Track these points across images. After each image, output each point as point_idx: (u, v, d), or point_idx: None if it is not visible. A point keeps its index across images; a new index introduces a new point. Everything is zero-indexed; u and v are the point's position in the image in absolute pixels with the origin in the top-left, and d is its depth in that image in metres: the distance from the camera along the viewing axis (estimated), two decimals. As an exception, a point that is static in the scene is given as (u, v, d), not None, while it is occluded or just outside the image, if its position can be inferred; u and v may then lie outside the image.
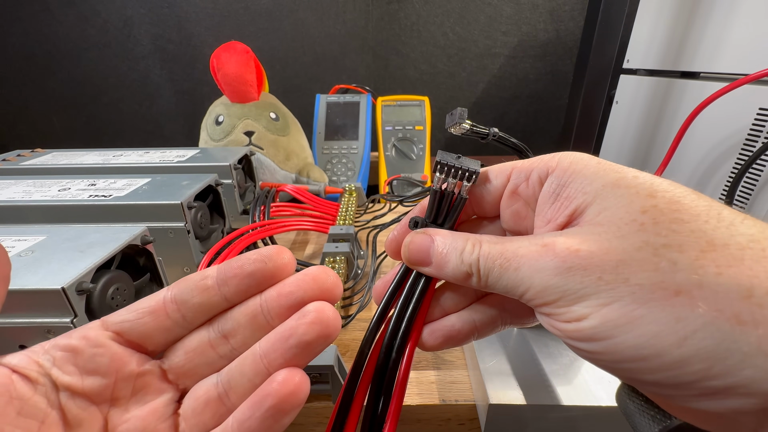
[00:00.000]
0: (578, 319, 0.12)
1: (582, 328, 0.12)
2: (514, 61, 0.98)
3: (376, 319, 0.17)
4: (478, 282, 0.15)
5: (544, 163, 0.15)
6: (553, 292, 0.12)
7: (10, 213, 0.38)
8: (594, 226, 0.13)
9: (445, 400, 0.29)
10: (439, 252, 0.15)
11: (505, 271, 0.14)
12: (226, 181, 0.48)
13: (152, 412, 0.14)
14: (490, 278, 0.14)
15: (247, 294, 0.15)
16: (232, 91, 0.61)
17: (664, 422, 0.14)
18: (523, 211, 0.17)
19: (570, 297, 0.12)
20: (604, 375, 0.27)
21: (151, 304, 0.15)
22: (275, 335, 0.14)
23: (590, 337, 0.12)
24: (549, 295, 0.12)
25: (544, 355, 0.28)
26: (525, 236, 0.14)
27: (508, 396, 0.25)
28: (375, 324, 0.17)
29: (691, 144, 0.50)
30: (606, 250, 0.12)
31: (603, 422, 0.25)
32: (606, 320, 0.11)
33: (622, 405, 0.16)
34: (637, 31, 0.62)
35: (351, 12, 0.93)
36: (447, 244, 0.15)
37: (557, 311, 0.13)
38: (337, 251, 0.40)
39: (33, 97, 1.01)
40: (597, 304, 0.12)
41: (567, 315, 0.12)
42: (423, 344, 0.17)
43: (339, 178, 0.76)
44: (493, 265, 0.14)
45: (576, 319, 0.12)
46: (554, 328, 0.13)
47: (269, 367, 0.14)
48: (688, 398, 0.11)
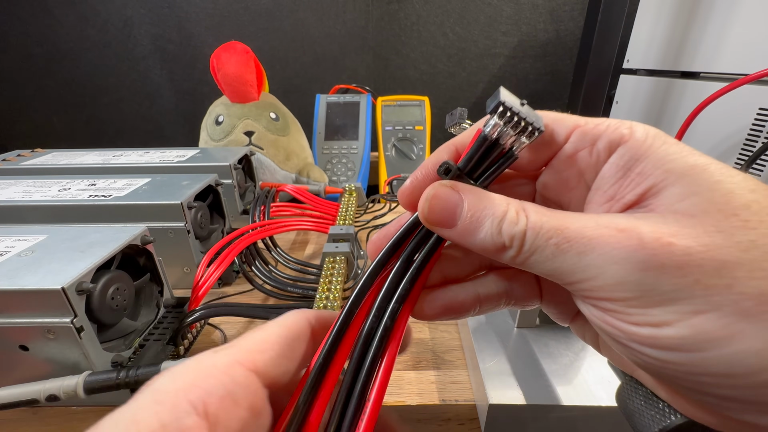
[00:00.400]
0: (659, 324, 0.10)
1: (664, 336, 0.10)
2: (514, 61, 0.98)
3: (368, 276, 0.14)
4: (515, 258, 0.12)
5: (614, 129, 0.12)
6: (630, 289, 0.10)
7: (10, 213, 0.38)
8: (682, 216, 0.10)
9: (445, 400, 0.29)
10: (468, 215, 0.13)
11: (563, 253, 0.11)
12: (226, 181, 0.48)
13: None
14: (536, 257, 0.12)
15: None
16: (232, 91, 0.61)
17: (663, 422, 0.14)
18: (573, 180, 0.14)
19: (653, 298, 0.10)
20: (604, 375, 0.27)
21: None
22: None
23: (672, 347, 0.10)
24: (624, 291, 0.10)
25: (544, 355, 0.28)
26: (584, 213, 0.12)
27: (508, 396, 0.25)
28: (367, 281, 0.14)
29: (691, 144, 0.50)
30: (706, 248, 0.10)
31: (603, 422, 0.25)
32: (699, 331, 0.10)
33: (622, 405, 0.16)
34: (637, 31, 0.62)
35: (351, 12, 0.93)
36: (480, 207, 0.12)
37: (628, 311, 0.11)
38: (337, 251, 0.40)
39: (33, 97, 1.01)
40: (689, 311, 0.10)
41: (642, 318, 0.10)
42: (420, 312, 0.15)
43: (339, 178, 0.76)
44: (545, 243, 0.11)
45: (656, 324, 0.10)
46: (614, 328, 0.11)
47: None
48: (745, 412, 0.10)
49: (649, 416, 0.14)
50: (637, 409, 0.15)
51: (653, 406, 0.14)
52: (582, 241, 0.11)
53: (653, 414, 0.14)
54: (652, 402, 0.14)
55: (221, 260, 0.36)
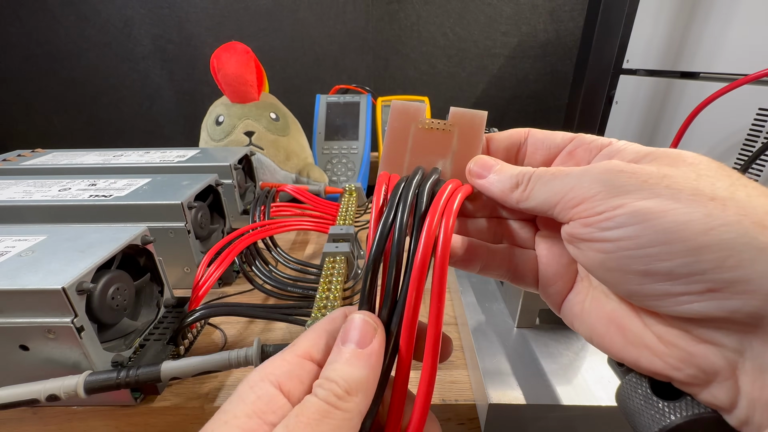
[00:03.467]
0: (614, 207, 0.13)
1: (619, 213, 0.13)
2: (514, 61, 0.98)
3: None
4: (522, 191, 0.17)
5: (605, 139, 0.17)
6: (599, 188, 0.14)
7: (11, 213, 0.38)
8: (649, 162, 0.15)
9: (445, 399, 0.29)
10: (498, 168, 0.18)
11: (555, 177, 0.16)
12: (226, 181, 0.48)
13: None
14: (537, 187, 0.16)
15: None
16: (232, 91, 0.61)
17: (663, 422, 0.14)
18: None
19: (612, 190, 0.14)
20: (604, 375, 0.27)
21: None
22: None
23: (624, 222, 0.13)
24: (592, 189, 0.14)
25: (544, 354, 0.29)
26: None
27: (508, 396, 0.25)
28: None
29: (691, 144, 0.50)
30: (654, 169, 0.14)
31: (603, 422, 0.25)
32: (645, 207, 0.13)
33: (622, 405, 0.16)
34: (637, 31, 0.62)
35: (351, 12, 0.93)
36: (505, 164, 0.18)
37: (594, 204, 0.14)
38: (337, 251, 0.40)
39: (33, 97, 1.01)
40: (637, 198, 0.13)
41: (607, 205, 0.14)
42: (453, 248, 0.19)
43: (339, 178, 0.76)
44: (544, 175, 0.16)
45: (616, 207, 0.13)
46: (586, 226, 0.14)
47: None
48: (690, 297, 0.12)
49: (649, 416, 0.14)
50: (637, 408, 0.15)
51: (653, 406, 0.14)
52: (567, 170, 0.16)
53: (653, 414, 0.14)
54: (651, 402, 0.14)
55: (221, 260, 0.36)
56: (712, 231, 0.12)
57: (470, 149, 0.20)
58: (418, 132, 0.20)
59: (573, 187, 0.15)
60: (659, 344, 0.14)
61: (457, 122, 0.19)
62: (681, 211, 0.12)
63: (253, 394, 0.14)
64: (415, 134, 0.20)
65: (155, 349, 0.29)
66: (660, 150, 0.15)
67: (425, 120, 0.20)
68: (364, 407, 0.14)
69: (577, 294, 0.18)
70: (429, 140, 0.20)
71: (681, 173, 0.13)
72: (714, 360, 0.13)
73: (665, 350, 0.14)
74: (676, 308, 0.13)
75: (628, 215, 0.13)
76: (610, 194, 0.14)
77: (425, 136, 0.20)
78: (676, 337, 0.14)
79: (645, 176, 0.13)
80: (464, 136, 0.20)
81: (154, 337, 0.31)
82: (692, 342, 0.13)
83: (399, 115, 0.20)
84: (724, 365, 0.13)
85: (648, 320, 0.15)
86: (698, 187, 0.13)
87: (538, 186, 0.16)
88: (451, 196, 0.17)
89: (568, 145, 0.18)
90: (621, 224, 0.13)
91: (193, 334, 0.34)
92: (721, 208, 0.12)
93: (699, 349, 0.13)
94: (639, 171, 0.14)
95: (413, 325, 0.16)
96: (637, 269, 0.13)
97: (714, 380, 0.13)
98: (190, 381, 0.31)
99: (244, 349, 0.27)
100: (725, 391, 0.13)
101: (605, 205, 0.14)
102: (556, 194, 0.15)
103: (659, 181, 0.13)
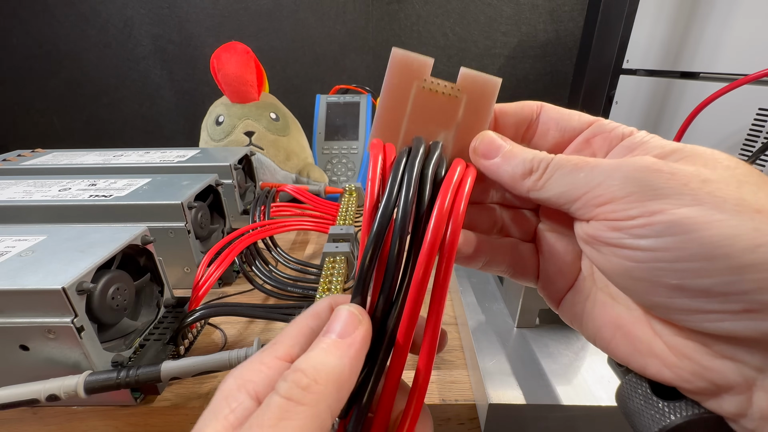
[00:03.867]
0: (653, 213, 0.12)
1: (657, 221, 0.12)
2: (514, 61, 0.98)
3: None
4: (537, 180, 0.15)
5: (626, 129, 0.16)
6: (633, 187, 0.12)
7: (11, 213, 0.38)
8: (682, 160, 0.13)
9: (445, 399, 0.29)
10: (508, 149, 0.16)
11: (578, 168, 0.14)
12: (226, 181, 0.48)
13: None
14: (555, 176, 0.14)
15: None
16: (232, 91, 0.61)
17: (663, 422, 0.14)
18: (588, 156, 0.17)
19: (651, 192, 0.12)
20: (604, 375, 0.27)
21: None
22: None
23: (662, 231, 0.12)
24: (625, 188, 0.13)
25: (543, 354, 0.28)
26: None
27: (508, 396, 0.25)
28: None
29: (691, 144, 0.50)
30: (693, 170, 0.12)
31: (603, 422, 0.25)
32: (687, 216, 0.11)
33: (622, 405, 0.16)
34: (637, 31, 0.62)
35: (351, 12, 0.93)
36: (516, 146, 0.16)
37: (626, 206, 0.12)
38: (337, 251, 0.40)
39: (33, 97, 1.01)
40: (677, 204, 0.12)
41: (638, 209, 0.12)
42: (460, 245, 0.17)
43: (339, 178, 0.76)
44: (567, 162, 0.14)
45: (650, 213, 0.12)
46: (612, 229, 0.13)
47: None
48: (724, 315, 0.11)
49: (649, 416, 0.14)
50: (637, 409, 0.15)
51: (653, 406, 0.14)
52: (596, 161, 0.14)
53: (653, 414, 0.14)
54: (651, 402, 0.14)
55: (221, 260, 0.36)
56: (760, 248, 0.11)
57: (477, 122, 0.17)
58: (421, 93, 0.16)
59: (601, 183, 0.13)
60: (670, 355, 0.13)
61: (467, 87, 0.16)
62: (727, 223, 0.11)
63: (227, 408, 0.12)
64: (416, 96, 0.16)
65: (155, 349, 0.29)
66: (688, 147, 0.14)
67: (431, 79, 0.16)
68: (334, 403, 0.12)
69: (577, 293, 0.17)
70: (432, 105, 0.17)
71: (722, 179, 0.12)
72: (730, 376, 0.12)
73: (676, 362, 0.13)
74: (704, 325, 0.12)
75: (668, 224, 0.12)
76: (645, 196, 0.12)
77: (428, 99, 0.17)
78: (691, 349, 0.13)
79: (685, 179, 0.12)
80: (472, 105, 0.17)
81: (154, 337, 0.31)
82: (709, 356, 0.12)
83: (399, 69, 0.16)
84: (740, 381, 0.12)
85: (660, 329, 0.14)
86: (742, 196, 0.11)
87: (558, 176, 0.14)
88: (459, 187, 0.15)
89: (586, 130, 0.16)
90: (658, 233, 0.12)
91: (193, 334, 0.34)
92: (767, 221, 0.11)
93: (715, 364, 0.12)
94: (678, 172, 0.12)
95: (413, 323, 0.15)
96: (670, 283, 0.12)
97: (725, 393, 0.12)
98: (190, 381, 0.31)
99: (244, 349, 0.27)
100: (735, 404, 0.12)
101: (640, 209, 0.12)
102: (579, 188, 0.14)
103: (701, 186, 0.12)
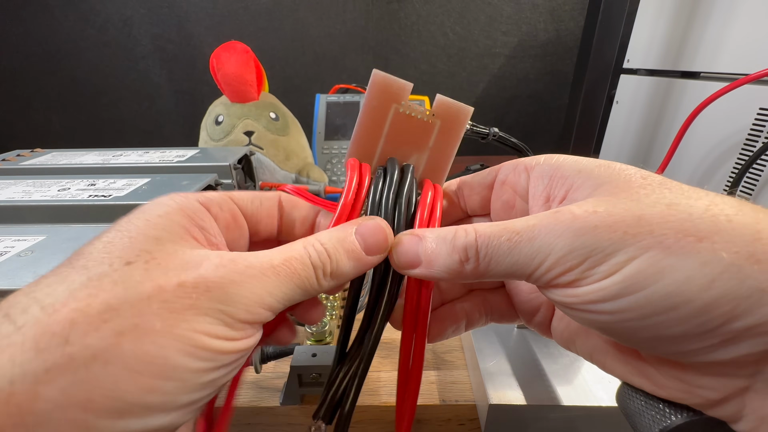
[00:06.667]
0: (606, 275, 0.12)
1: (610, 284, 0.12)
2: (514, 61, 0.98)
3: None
4: (475, 267, 0.14)
5: (527, 158, 0.17)
6: (578, 255, 0.12)
7: (10, 213, 0.38)
8: (599, 197, 0.13)
9: (445, 400, 0.29)
10: (429, 247, 0.15)
11: (516, 245, 0.13)
12: (225, 181, 0.48)
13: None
14: (495, 258, 0.13)
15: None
16: (231, 91, 0.61)
17: (664, 422, 0.14)
18: (511, 199, 0.18)
19: (597, 256, 0.12)
20: (604, 375, 0.26)
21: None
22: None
23: (618, 293, 0.11)
24: (574, 258, 0.12)
25: (544, 355, 0.28)
26: (525, 216, 0.14)
27: (508, 396, 0.25)
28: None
29: (691, 144, 0.50)
30: (624, 209, 0.12)
31: (603, 422, 0.25)
32: (637, 271, 0.11)
33: (622, 405, 0.16)
34: (638, 31, 0.62)
35: (351, 12, 0.93)
36: (434, 237, 0.15)
37: (582, 276, 0.12)
38: (337, 251, 0.40)
39: (33, 97, 1.01)
40: (626, 259, 0.11)
41: (593, 276, 0.12)
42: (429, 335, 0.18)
43: (339, 178, 0.76)
44: (498, 242, 0.13)
45: (604, 276, 0.12)
46: (573, 297, 0.13)
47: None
48: (707, 350, 0.11)
49: (649, 416, 0.14)
50: (637, 409, 0.15)
51: (653, 406, 0.14)
52: (528, 231, 0.13)
53: (653, 414, 0.14)
54: (652, 402, 0.14)
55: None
56: (714, 283, 0.11)
57: (448, 146, 0.18)
58: (398, 116, 0.17)
59: (546, 256, 0.13)
60: (661, 377, 0.13)
61: (441, 114, 0.17)
62: (677, 267, 0.11)
63: (179, 204, 0.14)
64: (393, 118, 0.17)
65: (155, 350, 0.29)
66: (592, 165, 0.14)
67: (408, 104, 0.17)
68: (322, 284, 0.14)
69: (561, 319, 0.17)
70: (407, 129, 0.17)
71: (650, 205, 0.12)
72: (722, 390, 0.12)
73: (668, 383, 0.13)
74: (690, 359, 0.12)
75: (623, 284, 0.11)
76: (596, 262, 0.12)
77: (404, 123, 0.17)
78: (680, 372, 0.13)
79: (623, 225, 0.12)
80: (445, 131, 0.17)
81: (153, 338, 0.30)
82: (698, 376, 0.13)
83: (379, 92, 0.17)
84: (732, 391, 0.12)
85: (647, 356, 0.14)
86: (681, 227, 0.11)
87: (496, 259, 0.13)
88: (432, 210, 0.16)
89: (498, 175, 0.18)
90: (616, 295, 0.12)
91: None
92: (712, 250, 0.11)
93: (706, 382, 0.12)
94: (614, 222, 0.12)
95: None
96: (645, 336, 0.12)
97: (719, 405, 0.12)
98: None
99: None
100: (730, 409, 0.12)
101: (595, 275, 0.12)
102: (524, 266, 0.13)
103: (639, 228, 0.11)
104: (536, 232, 0.13)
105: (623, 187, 0.13)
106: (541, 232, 0.13)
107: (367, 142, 0.17)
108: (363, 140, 0.17)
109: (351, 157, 0.18)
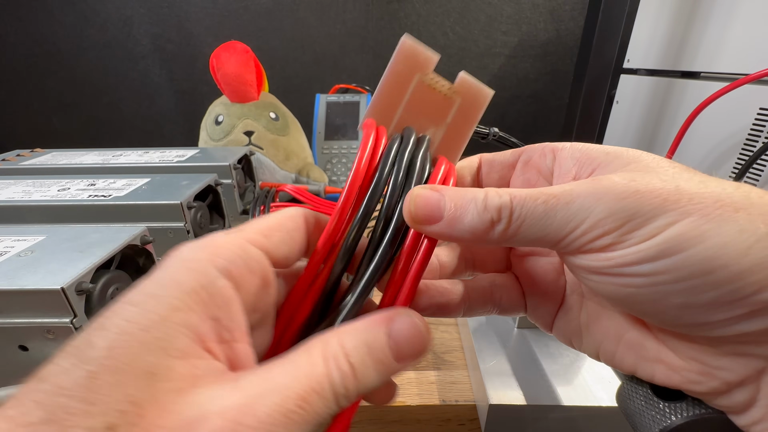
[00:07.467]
0: (646, 239, 0.12)
1: (649, 246, 0.12)
2: (514, 61, 0.98)
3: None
4: (505, 229, 0.13)
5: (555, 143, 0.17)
6: (618, 218, 0.12)
7: (10, 213, 0.38)
8: (632, 171, 0.13)
9: (445, 400, 0.29)
10: (451, 205, 0.14)
11: (552, 208, 0.13)
12: (225, 181, 0.48)
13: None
14: (528, 221, 0.13)
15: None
16: (231, 90, 0.61)
17: (664, 422, 0.14)
18: (533, 179, 0.18)
19: (638, 220, 0.12)
20: (604, 375, 0.27)
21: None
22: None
23: (657, 255, 0.11)
24: (613, 221, 0.12)
25: (544, 355, 0.28)
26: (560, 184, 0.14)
27: (508, 396, 0.25)
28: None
29: (691, 144, 0.50)
30: (662, 182, 0.12)
31: (603, 422, 0.25)
32: (678, 233, 0.11)
33: (622, 405, 0.16)
34: (638, 31, 0.61)
35: (351, 12, 0.93)
36: (460, 196, 0.14)
37: (619, 240, 0.12)
38: (337, 251, 0.40)
39: (33, 97, 1.01)
40: (667, 223, 0.11)
41: (631, 240, 0.12)
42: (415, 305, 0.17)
43: (339, 178, 0.76)
44: (534, 204, 0.13)
45: (643, 239, 0.12)
46: (608, 262, 0.12)
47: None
48: (733, 321, 0.11)
49: (650, 416, 0.14)
50: (638, 409, 0.15)
51: (653, 406, 0.14)
52: (566, 194, 0.13)
53: (653, 414, 0.14)
54: (652, 402, 0.14)
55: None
56: (750, 250, 0.11)
57: (465, 126, 0.18)
58: (420, 87, 0.17)
59: (584, 219, 0.12)
60: (677, 359, 0.13)
61: (462, 91, 0.17)
62: (716, 231, 0.11)
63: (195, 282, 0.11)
64: (416, 88, 0.17)
65: (155, 350, 0.29)
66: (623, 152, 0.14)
67: (432, 76, 0.17)
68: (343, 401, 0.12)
69: (569, 310, 0.17)
70: (428, 101, 0.17)
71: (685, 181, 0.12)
72: (740, 370, 0.12)
73: (684, 365, 0.13)
74: (713, 332, 0.12)
75: (664, 245, 0.11)
76: (635, 225, 0.12)
77: (425, 94, 0.17)
78: (697, 352, 0.13)
79: (663, 193, 0.12)
80: (464, 109, 0.17)
81: (153, 338, 0.30)
82: (717, 356, 0.12)
83: (406, 59, 0.17)
84: (750, 373, 0.12)
85: (663, 336, 0.14)
86: (718, 198, 0.11)
87: (529, 222, 0.13)
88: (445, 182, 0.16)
89: (522, 156, 0.18)
90: (654, 257, 0.12)
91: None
92: (748, 219, 0.11)
93: (724, 362, 0.12)
94: (654, 189, 0.12)
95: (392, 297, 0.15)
96: (675, 302, 0.12)
97: (735, 389, 0.12)
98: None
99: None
100: (743, 395, 0.12)
101: (633, 237, 0.12)
102: (559, 230, 0.13)
103: (679, 196, 0.12)
104: (574, 195, 0.13)
105: (653, 166, 0.13)
106: (580, 195, 0.12)
107: (387, 106, 0.17)
108: (383, 104, 0.17)
109: (369, 117, 0.17)
